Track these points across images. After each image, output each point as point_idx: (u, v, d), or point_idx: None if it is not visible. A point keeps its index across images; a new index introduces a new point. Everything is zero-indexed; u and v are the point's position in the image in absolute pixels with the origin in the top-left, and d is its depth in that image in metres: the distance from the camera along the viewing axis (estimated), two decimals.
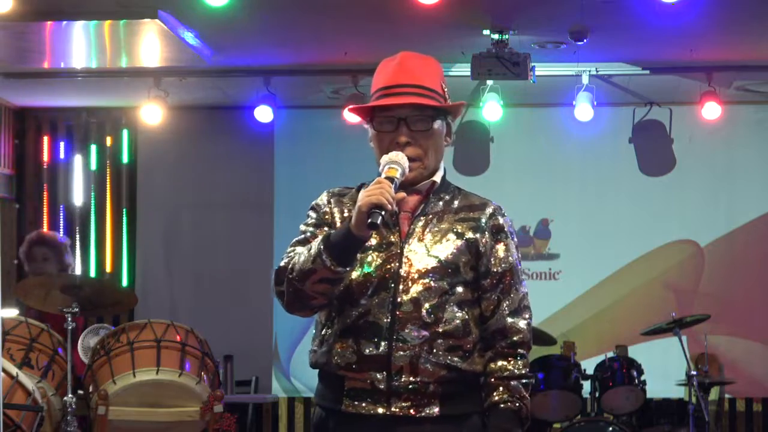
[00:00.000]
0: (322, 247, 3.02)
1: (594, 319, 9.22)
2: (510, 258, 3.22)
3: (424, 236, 3.14)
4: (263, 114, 8.55)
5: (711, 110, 8.32)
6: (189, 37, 7.19)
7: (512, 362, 3.16)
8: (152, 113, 8.54)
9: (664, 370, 8.41)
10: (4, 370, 5.17)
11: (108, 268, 9.53)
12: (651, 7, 6.52)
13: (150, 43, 7.28)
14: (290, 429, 9.39)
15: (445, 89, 3.27)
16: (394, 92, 3.17)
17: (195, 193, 9.51)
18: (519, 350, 3.18)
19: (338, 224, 3.18)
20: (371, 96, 3.24)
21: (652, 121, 9.08)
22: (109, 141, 9.61)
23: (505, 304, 3.19)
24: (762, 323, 9.08)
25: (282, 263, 3.14)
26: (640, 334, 7.77)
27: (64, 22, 6.80)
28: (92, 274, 9.43)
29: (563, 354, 7.84)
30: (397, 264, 3.12)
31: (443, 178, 3.28)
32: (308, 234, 3.20)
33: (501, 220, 3.25)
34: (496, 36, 7.12)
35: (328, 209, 3.23)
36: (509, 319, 3.18)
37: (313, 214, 3.25)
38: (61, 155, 9.62)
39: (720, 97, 8.30)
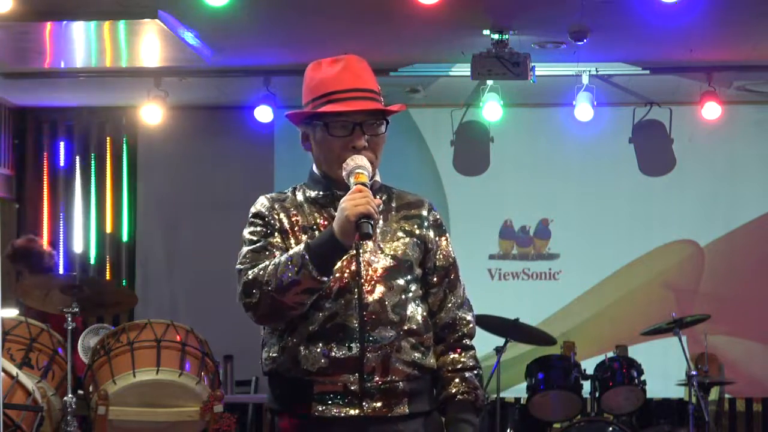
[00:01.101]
0: (307, 258, 3.00)
1: (594, 319, 9.22)
2: (452, 252, 3.29)
3: (375, 236, 3.12)
4: (263, 114, 8.55)
5: (711, 110, 8.32)
6: (189, 37, 7.19)
7: (463, 354, 3.22)
8: (152, 113, 8.55)
9: (664, 370, 8.41)
10: (4, 370, 5.17)
11: (108, 268, 9.53)
12: (651, 7, 6.52)
13: (150, 43, 7.28)
14: None
15: (379, 89, 3.29)
16: (348, 97, 3.15)
17: (195, 193, 9.51)
18: (468, 342, 3.24)
19: (287, 230, 3.17)
20: (312, 100, 3.18)
21: (652, 121, 9.08)
22: (109, 141, 9.61)
23: (451, 298, 3.24)
24: (762, 323, 9.08)
25: (250, 275, 3.13)
26: (640, 334, 7.77)
27: (64, 22, 6.80)
28: (92, 273, 9.42)
29: (563, 354, 7.84)
30: (356, 265, 3.12)
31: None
32: (262, 243, 3.18)
33: (437, 215, 3.31)
34: (496, 36, 7.12)
35: (274, 215, 3.21)
36: (458, 312, 3.24)
37: (259, 222, 3.23)
38: (61, 155, 9.62)
39: (720, 97, 8.31)
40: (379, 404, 3.10)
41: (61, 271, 8.87)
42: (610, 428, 7.46)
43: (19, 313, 6.61)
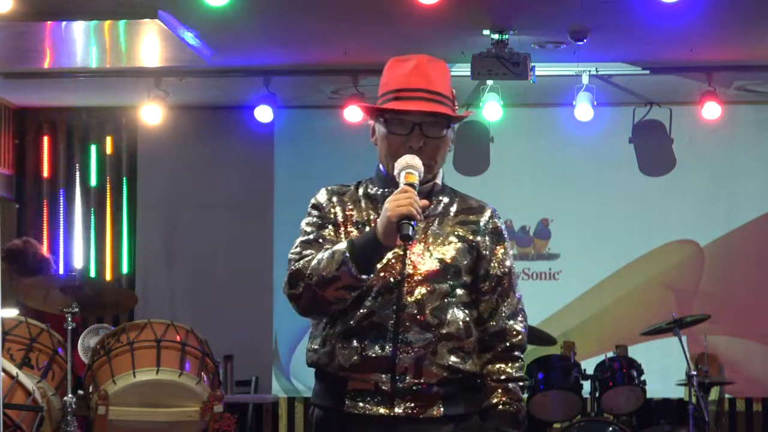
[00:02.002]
0: (348, 255, 3.00)
1: (594, 319, 9.22)
2: (507, 262, 3.25)
3: (426, 239, 3.14)
4: (263, 114, 8.55)
5: (711, 110, 8.32)
6: (189, 37, 7.19)
7: (510, 365, 3.20)
8: (152, 113, 8.55)
9: (664, 370, 8.41)
10: (4, 370, 5.17)
11: (108, 268, 9.53)
12: (651, 7, 6.52)
13: (150, 43, 7.28)
14: (290, 429, 9.39)
15: (454, 95, 3.29)
16: (412, 96, 3.16)
17: (195, 193, 9.50)
18: (516, 353, 3.22)
19: (340, 223, 3.17)
20: (382, 95, 3.22)
21: (652, 121, 9.08)
22: (109, 141, 9.61)
23: (503, 307, 3.23)
24: (762, 323, 9.08)
25: (297, 266, 3.10)
26: (640, 334, 7.77)
27: (64, 22, 6.80)
28: (92, 274, 9.43)
29: (563, 354, 7.84)
30: (401, 266, 3.11)
31: (441, 181, 3.29)
32: (314, 235, 3.17)
33: (499, 223, 3.27)
34: (496, 36, 7.12)
35: (330, 208, 3.21)
36: (509, 322, 3.22)
37: (315, 213, 3.22)
38: (61, 155, 9.62)
39: (720, 97, 8.30)
40: (410, 405, 3.09)
41: (61, 271, 8.86)
42: (610, 428, 7.46)
43: (19, 313, 6.60)
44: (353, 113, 8.33)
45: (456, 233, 3.18)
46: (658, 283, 9.22)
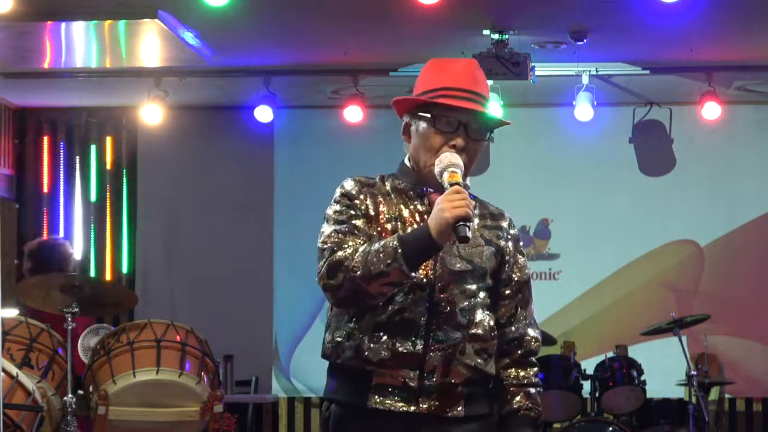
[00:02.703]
0: (399, 251, 2.99)
1: (594, 319, 9.22)
2: (528, 270, 3.33)
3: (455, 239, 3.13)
4: (263, 114, 8.55)
5: (711, 110, 8.32)
6: (189, 37, 7.19)
7: (528, 370, 3.25)
8: (152, 113, 8.55)
9: (664, 370, 8.40)
10: (4, 370, 5.17)
11: (108, 268, 9.53)
12: (651, 7, 6.53)
13: (150, 43, 7.28)
14: (290, 429, 9.39)
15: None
16: (462, 96, 3.14)
17: (195, 193, 9.50)
18: (532, 359, 3.28)
19: (372, 216, 3.15)
20: (425, 92, 3.18)
21: (652, 121, 9.08)
22: (109, 141, 9.61)
23: (523, 314, 3.28)
24: (762, 323, 9.08)
25: (336, 257, 3.06)
26: (640, 334, 7.77)
27: (64, 22, 6.80)
28: (92, 273, 9.43)
29: (563, 354, 7.84)
30: (433, 264, 3.12)
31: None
32: (348, 225, 3.12)
33: (516, 231, 3.34)
34: (496, 36, 7.13)
35: (361, 199, 3.17)
36: (528, 330, 3.27)
37: (346, 202, 3.17)
38: (61, 155, 9.62)
39: (720, 97, 8.30)
40: (435, 403, 3.10)
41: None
42: (610, 428, 7.47)
43: (19, 313, 6.60)
44: (353, 113, 8.33)
45: (483, 236, 3.21)
46: (658, 283, 9.22)
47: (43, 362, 6.03)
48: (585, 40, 6.94)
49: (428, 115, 3.16)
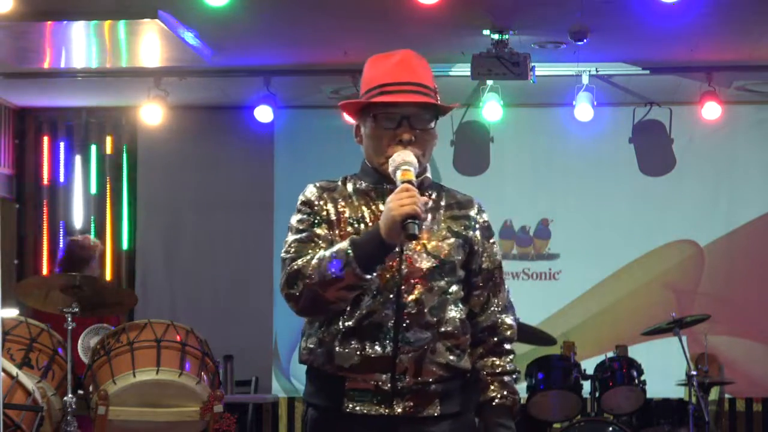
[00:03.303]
0: (351, 255, 2.99)
1: (594, 319, 9.22)
2: (498, 255, 3.27)
3: (421, 235, 3.11)
4: (263, 114, 8.55)
5: (711, 110, 8.32)
6: (189, 37, 7.19)
7: (503, 358, 3.21)
8: (152, 113, 8.55)
9: (664, 370, 8.40)
10: (4, 370, 5.17)
11: (108, 268, 9.53)
12: (651, 7, 6.53)
13: (150, 43, 7.28)
14: (290, 429, 9.39)
15: (437, 89, 3.27)
16: (399, 90, 3.15)
17: (195, 193, 9.50)
18: (507, 346, 3.23)
19: (333, 221, 3.15)
20: (366, 92, 3.21)
21: (652, 121, 9.08)
22: (109, 141, 9.61)
23: (495, 301, 3.23)
24: (762, 323, 9.08)
25: (295, 266, 3.07)
26: (640, 334, 7.77)
27: (64, 22, 6.80)
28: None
29: (563, 354, 7.83)
30: (399, 264, 3.10)
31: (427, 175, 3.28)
32: (308, 233, 3.14)
33: (486, 217, 3.28)
34: (496, 36, 7.12)
35: (321, 205, 3.19)
36: (501, 316, 3.23)
37: (307, 210, 3.20)
38: (61, 155, 9.62)
39: (720, 97, 8.31)
40: (410, 404, 3.08)
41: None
42: (610, 428, 7.46)
43: (19, 313, 6.60)
44: None
45: (449, 228, 3.18)
46: (658, 283, 9.21)
47: (43, 362, 6.03)
48: (585, 40, 6.94)
49: (371, 115, 3.18)
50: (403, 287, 3.09)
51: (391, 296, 3.08)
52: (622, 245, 9.21)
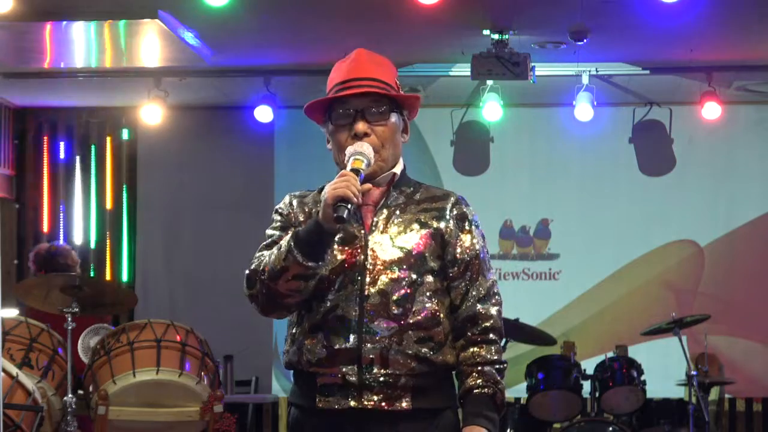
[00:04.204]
0: (292, 243, 3.03)
1: (594, 319, 9.22)
2: (476, 246, 3.21)
3: (387, 228, 3.13)
4: (263, 114, 8.55)
5: (711, 110, 8.32)
6: (189, 37, 7.19)
7: (484, 348, 3.13)
8: (152, 113, 8.54)
9: (664, 370, 8.41)
10: (4, 370, 5.17)
11: (108, 268, 9.53)
12: (651, 7, 6.53)
13: (150, 43, 7.28)
14: None
15: (399, 86, 3.30)
16: (350, 86, 3.20)
17: (195, 193, 9.51)
18: (490, 336, 3.15)
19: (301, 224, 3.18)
20: (327, 95, 3.26)
21: (652, 121, 9.09)
22: (109, 141, 9.62)
23: (473, 292, 3.18)
24: (762, 323, 9.08)
25: (252, 266, 3.17)
26: (640, 334, 7.77)
27: (64, 22, 6.80)
28: (92, 273, 9.43)
29: (563, 354, 7.83)
30: (363, 256, 3.11)
31: (403, 172, 3.28)
32: (275, 237, 3.20)
33: (464, 209, 3.24)
34: (496, 36, 7.12)
35: (290, 211, 3.24)
36: (478, 306, 3.16)
37: (277, 218, 3.26)
38: (61, 155, 9.62)
39: (720, 97, 8.30)
40: (378, 397, 3.07)
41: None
42: (610, 428, 7.46)
43: (19, 313, 6.60)
44: None
45: (418, 220, 3.17)
46: (658, 283, 9.22)
47: (43, 362, 6.04)
48: (585, 40, 6.93)
49: (329, 116, 3.23)
50: (367, 279, 3.09)
51: (355, 288, 3.09)
52: (622, 245, 9.21)
